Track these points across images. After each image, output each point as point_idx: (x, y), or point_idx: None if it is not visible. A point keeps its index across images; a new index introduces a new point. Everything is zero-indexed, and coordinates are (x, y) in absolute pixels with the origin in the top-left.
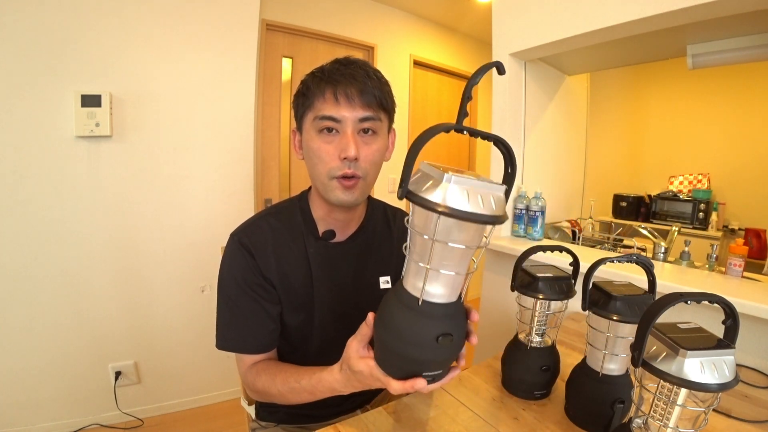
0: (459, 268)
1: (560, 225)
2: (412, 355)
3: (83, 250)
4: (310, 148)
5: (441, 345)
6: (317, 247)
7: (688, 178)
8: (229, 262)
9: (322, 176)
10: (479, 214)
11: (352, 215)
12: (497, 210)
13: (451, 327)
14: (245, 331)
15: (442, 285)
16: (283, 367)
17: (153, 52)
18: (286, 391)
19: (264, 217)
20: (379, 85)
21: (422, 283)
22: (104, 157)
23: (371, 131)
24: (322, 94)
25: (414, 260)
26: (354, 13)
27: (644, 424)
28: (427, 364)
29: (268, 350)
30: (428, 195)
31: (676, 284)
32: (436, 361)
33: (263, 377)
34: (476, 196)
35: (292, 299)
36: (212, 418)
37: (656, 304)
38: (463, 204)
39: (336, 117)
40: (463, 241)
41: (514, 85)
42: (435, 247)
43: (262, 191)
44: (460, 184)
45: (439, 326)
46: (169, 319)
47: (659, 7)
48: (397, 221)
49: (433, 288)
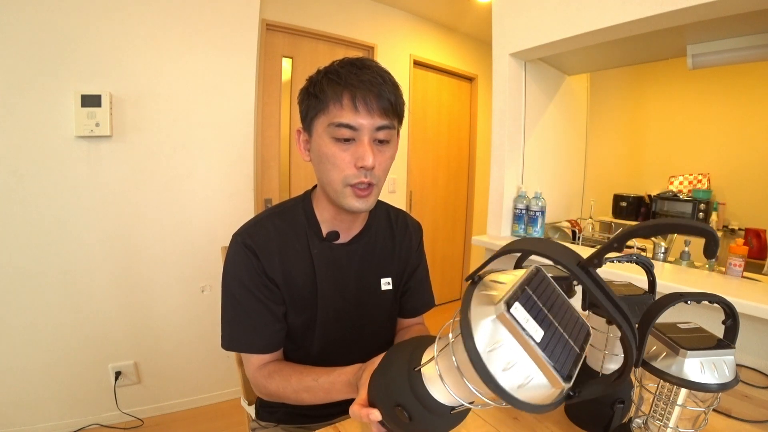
0: (464, 396)
1: (560, 225)
2: (388, 404)
3: (83, 250)
4: (323, 153)
5: (405, 422)
6: (321, 247)
7: (688, 178)
8: (233, 262)
9: (335, 183)
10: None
11: (356, 217)
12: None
13: (426, 419)
14: (252, 331)
15: (443, 394)
16: (297, 368)
17: (153, 52)
18: (301, 389)
19: (268, 218)
20: (393, 90)
21: (431, 383)
22: (104, 157)
23: (385, 140)
24: (339, 100)
25: (437, 361)
26: (354, 13)
27: (644, 424)
28: (393, 416)
29: (275, 350)
30: (488, 363)
31: (676, 284)
32: (399, 425)
33: (276, 379)
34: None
35: (295, 299)
36: (212, 418)
37: (656, 304)
38: (506, 384)
39: (354, 125)
40: (480, 391)
41: (514, 85)
42: (456, 372)
43: (262, 191)
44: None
45: (421, 411)
46: (170, 319)
47: (659, 7)
48: (400, 223)
49: (436, 390)
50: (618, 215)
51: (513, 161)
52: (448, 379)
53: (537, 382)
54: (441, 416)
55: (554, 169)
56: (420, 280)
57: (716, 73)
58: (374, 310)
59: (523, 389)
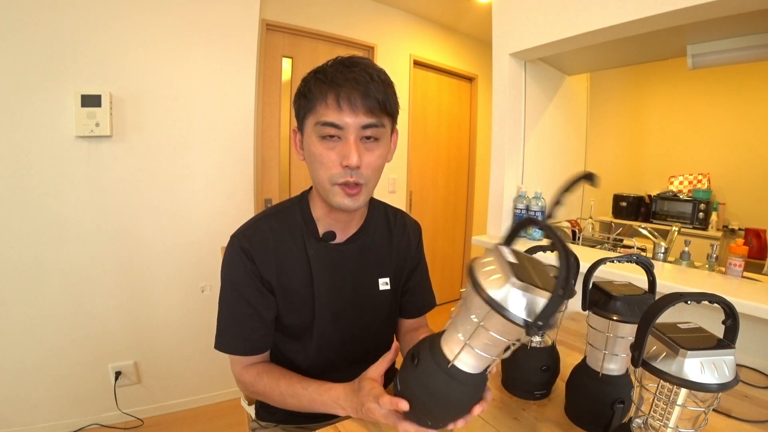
0: (492, 352)
1: (560, 225)
2: (421, 401)
3: (83, 251)
4: (311, 152)
5: (449, 404)
6: (318, 248)
7: (688, 178)
8: (228, 265)
9: (323, 181)
10: (526, 322)
11: (353, 216)
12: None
13: (467, 394)
14: (238, 334)
15: (473, 358)
16: (287, 373)
17: (153, 52)
18: (288, 395)
19: (264, 219)
20: (383, 88)
21: (457, 352)
22: (104, 157)
23: (373, 138)
24: (324, 99)
25: (457, 328)
26: (354, 13)
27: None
28: (429, 413)
29: (258, 353)
30: (492, 290)
31: (676, 284)
32: (436, 416)
33: (265, 379)
34: (530, 303)
35: (292, 299)
36: (212, 418)
37: (656, 304)
38: (518, 310)
39: (338, 124)
40: (504, 334)
41: (514, 85)
42: (479, 329)
43: (262, 191)
44: (523, 291)
45: (457, 389)
46: (170, 319)
47: (659, 7)
48: (398, 223)
49: (465, 358)
50: (618, 215)
51: (513, 161)
52: (475, 342)
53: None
54: (467, 385)
55: (554, 169)
56: (420, 280)
57: (716, 73)
58: (372, 311)
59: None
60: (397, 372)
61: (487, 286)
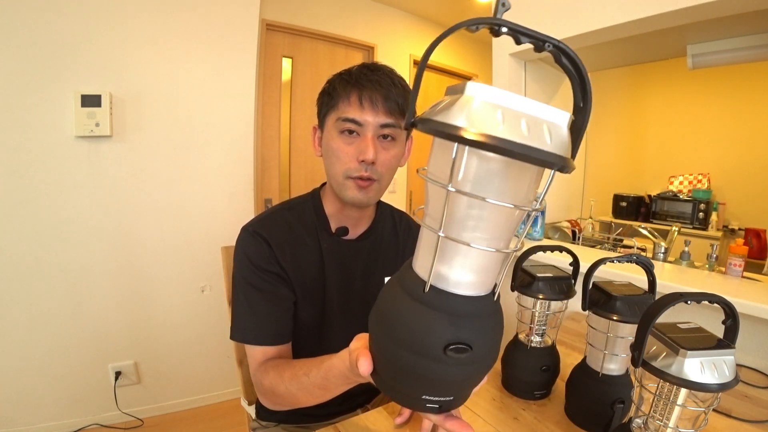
0: (488, 239)
1: (560, 225)
2: (407, 363)
3: (83, 251)
4: (330, 146)
5: (450, 358)
6: (330, 242)
7: (688, 178)
8: (243, 250)
9: (338, 175)
10: (523, 145)
11: (363, 214)
12: (554, 146)
13: (471, 333)
14: (258, 321)
15: (461, 265)
16: (292, 363)
17: (153, 52)
18: (295, 389)
19: (278, 211)
20: (403, 93)
21: (432, 260)
22: (104, 157)
23: (390, 137)
24: (347, 97)
25: (426, 226)
26: (354, 13)
27: (644, 424)
28: (429, 381)
29: (281, 342)
30: (443, 116)
31: (676, 284)
32: (444, 381)
33: (271, 374)
34: (518, 119)
35: (304, 293)
36: (212, 418)
37: (656, 304)
38: (495, 128)
39: (358, 120)
40: (497, 193)
41: (514, 85)
42: (454, 201)
43: (262, 191)
44: (495, 98)
45: (450, 329)
46: (169, 319)
47: (659, 7)
48: (403, 224)
49: (448, 269)
50: (618, 215)
51: None
52: (453, 227)
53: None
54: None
55: None
56: None
57: (716, 73)
58: None
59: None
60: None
61: (439, 115)
